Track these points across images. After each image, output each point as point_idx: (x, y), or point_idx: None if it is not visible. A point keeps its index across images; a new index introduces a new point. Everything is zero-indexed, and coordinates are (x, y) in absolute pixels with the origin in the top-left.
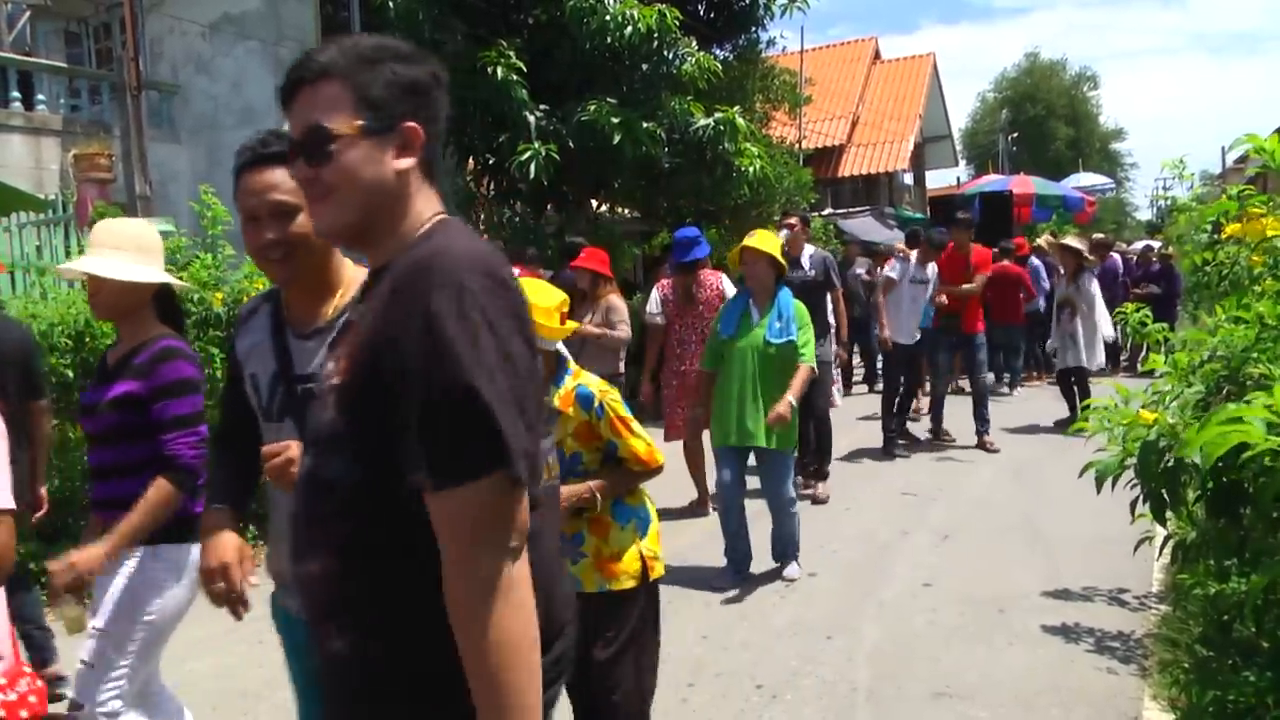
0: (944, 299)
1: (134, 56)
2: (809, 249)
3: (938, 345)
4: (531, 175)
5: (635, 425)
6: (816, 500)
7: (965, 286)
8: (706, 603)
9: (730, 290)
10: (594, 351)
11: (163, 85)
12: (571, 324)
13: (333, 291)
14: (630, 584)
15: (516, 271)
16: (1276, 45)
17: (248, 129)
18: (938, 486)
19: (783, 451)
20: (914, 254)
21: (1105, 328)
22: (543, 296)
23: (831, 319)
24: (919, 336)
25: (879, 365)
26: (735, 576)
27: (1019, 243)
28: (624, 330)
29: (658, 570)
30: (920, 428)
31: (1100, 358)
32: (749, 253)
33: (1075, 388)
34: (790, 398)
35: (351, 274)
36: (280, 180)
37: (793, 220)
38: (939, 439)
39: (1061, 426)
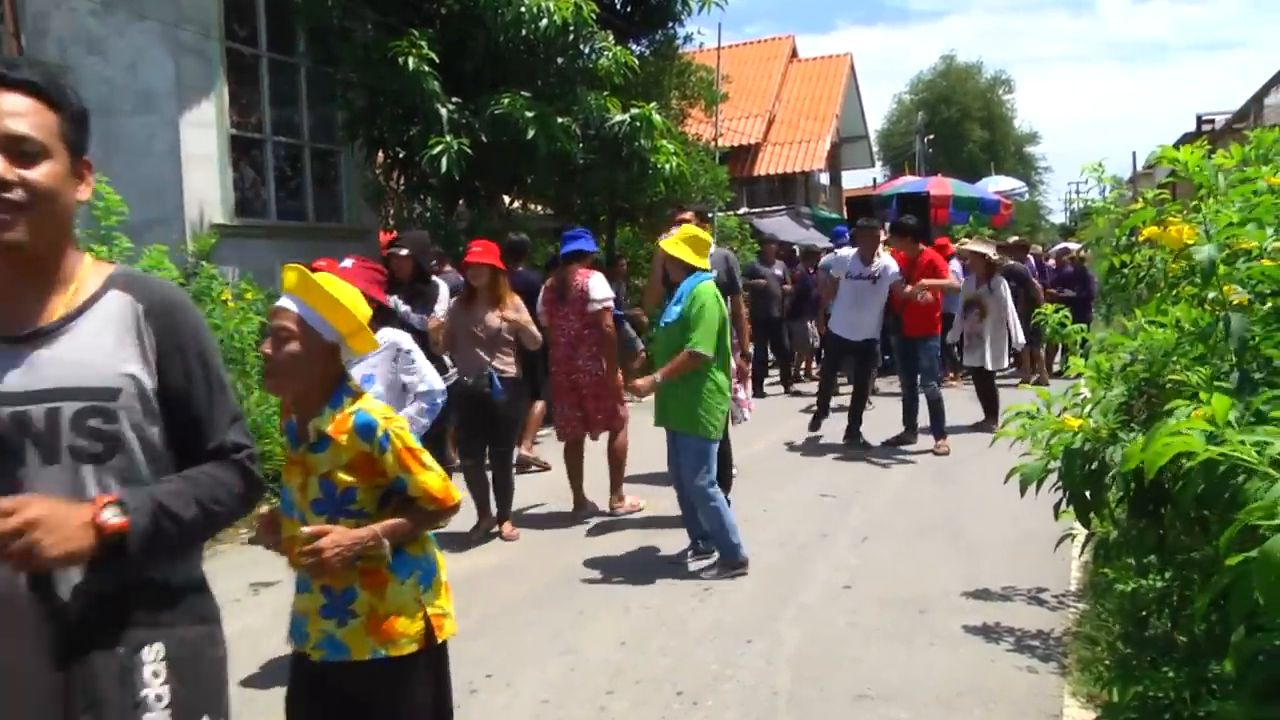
0: (929, 296)
1: (14, 32)
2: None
3: (902, 368)
4: (443, 169)
5: (427, 457)
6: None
7: (942, 281)
8: (625, 607)
9: (598, 292)
10: (498, 350)
11: (48, 65)
12: (371, 341)
13: (64, 285)
14: (411, 648)
15: (349, 262)
16: (1184, 54)
17: (148, 116)
18: (856, 488)
19: (685, 435)
20: (850, 250)
21: (1017, 333)
22: (358, 306)
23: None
24: (872, 335)
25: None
26: (695, 552)
27: (943, 243)
28: (536, 329)
29: (447, 630)
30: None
31: (1004, 360)
32: (661, 251)
33: (982, 390)
34: (655, 376)
35: (87, 268)
36: (22, 110)
37: (686, 215)
38: (853, 440)
39: (979, 429)
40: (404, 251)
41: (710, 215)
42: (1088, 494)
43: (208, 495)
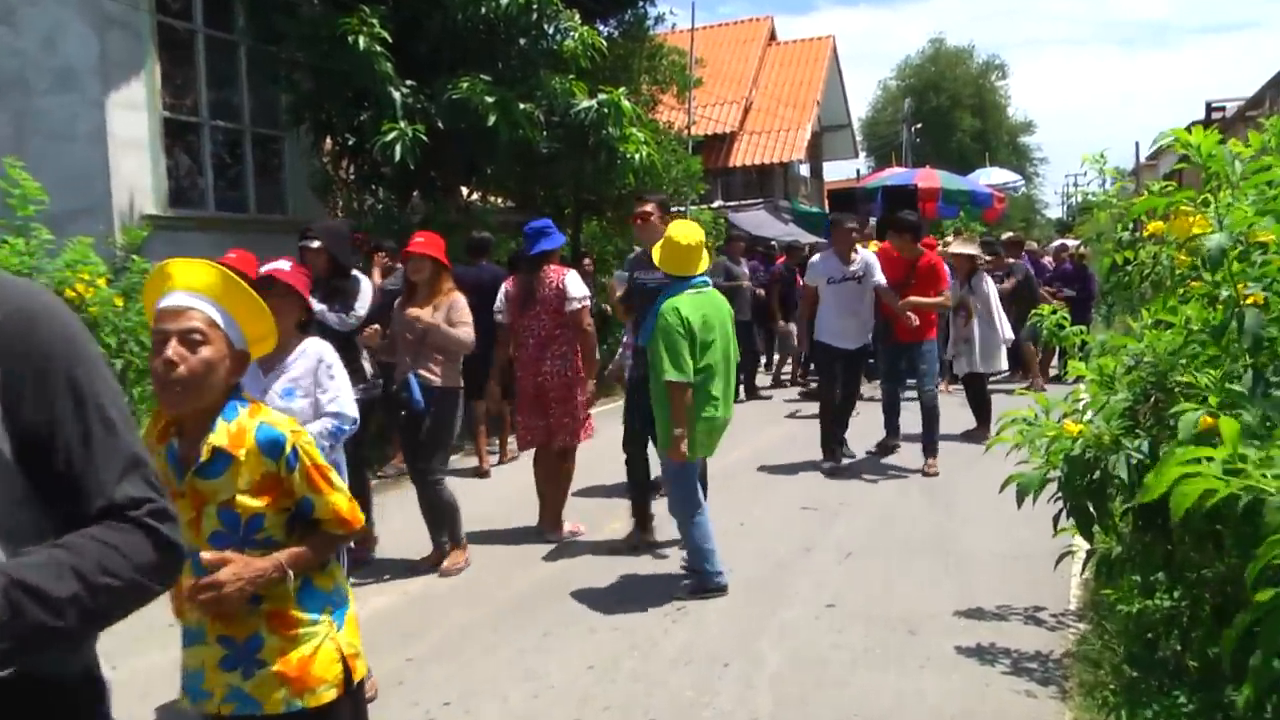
0: (914, 319)
1: None
2: None
3: (876, 355)
4: (396, 158)
5: (335, 476)
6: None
7: (931, 301)
8: (592, 629)
9: (576, 290)
10: (426, 354)
11: None
12: (269, 341)
13: None
14: (330, 694)
15: (285, 264)
16: (1186, 36)
17: (68, 95)
18: (840, 500)
19: (664, 453)
20: (822, 256)
21: (1004, 330)
22: (265, 311)
23: None
24: (865, 341)
25: (786, 371)
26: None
27: (930, 243)
28: (466, 332)
29: (360, 671)
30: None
31: (1000, 363)
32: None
33: (974, 396)
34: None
35: None
36: None
37: (648, 206)
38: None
39: (970, 438)
40: (315, 244)
41: (683, 208)
42: (1090, 506)
43: (93, 565)
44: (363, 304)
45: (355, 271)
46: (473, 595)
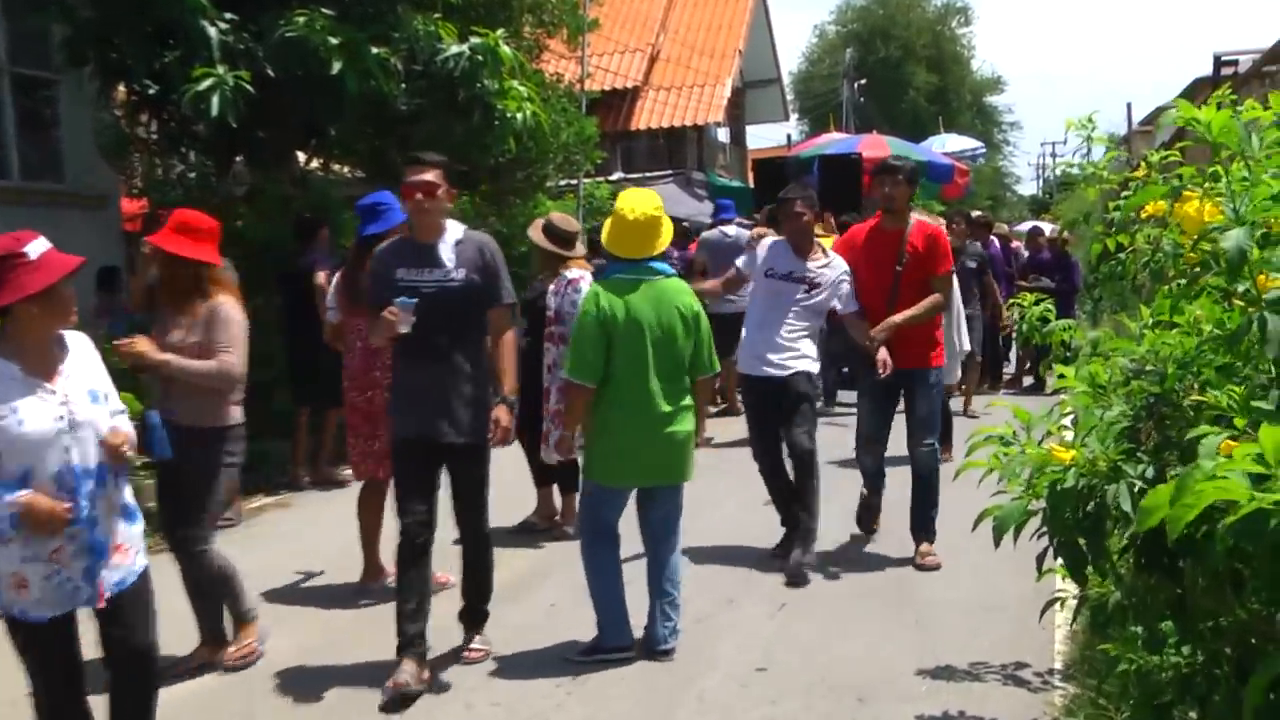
0: (883, 358)
1: None
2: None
3: (863, 391)
4: (213, 112)
5: None
6: None
7: (920, 308)
8: (467, 705)
9: None
10: (182, 391)
11: None
12: None
13: None
14: None
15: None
16: None
17: None
18: (771, 539)
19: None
20: (768, 237)
21: (962, 336)
22: None
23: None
24: (804, 368)
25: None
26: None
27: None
28: (230, 359)
29: None
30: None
31: (956, 372)
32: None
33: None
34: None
35: None
36: None
37: (426, 174)
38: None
39: None
40: None
41: (573, 181)
42: (1082, 543)
43: None
44: None
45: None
46: (306, 672)
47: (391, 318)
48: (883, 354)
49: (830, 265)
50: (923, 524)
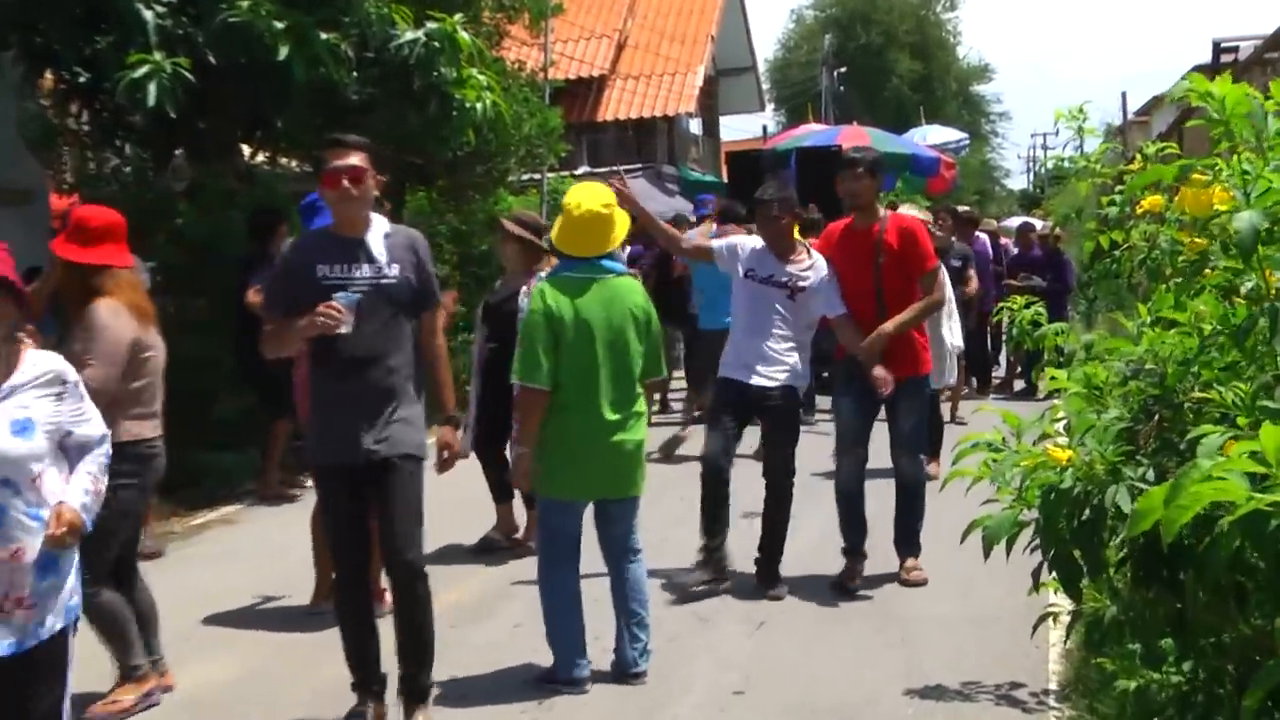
0: (881, 375)
1: None
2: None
3: (842, 391)
4: (150, 102)
5: None
6: None
7: (912, 312)
8: None
9: None
10: None
11: None
12: None
13: None
14: None
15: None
16: None
17: None
18: (747, 553)
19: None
20: (750, 238)
21: (955, 336)
22: None
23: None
24: (792, 381)
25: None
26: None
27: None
28: (91, 373)
29: None
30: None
31: (951, 376)
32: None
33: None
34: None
35: None
36: None
37: (353, 160)
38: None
39: None
40: None
41: (536, 175)
42: (1077, 555)
43: None
44: None
45: None
46: (260, 698)
47: (334, 315)
48: (880, 371)
49: (813, 268)
50: (907, 538)
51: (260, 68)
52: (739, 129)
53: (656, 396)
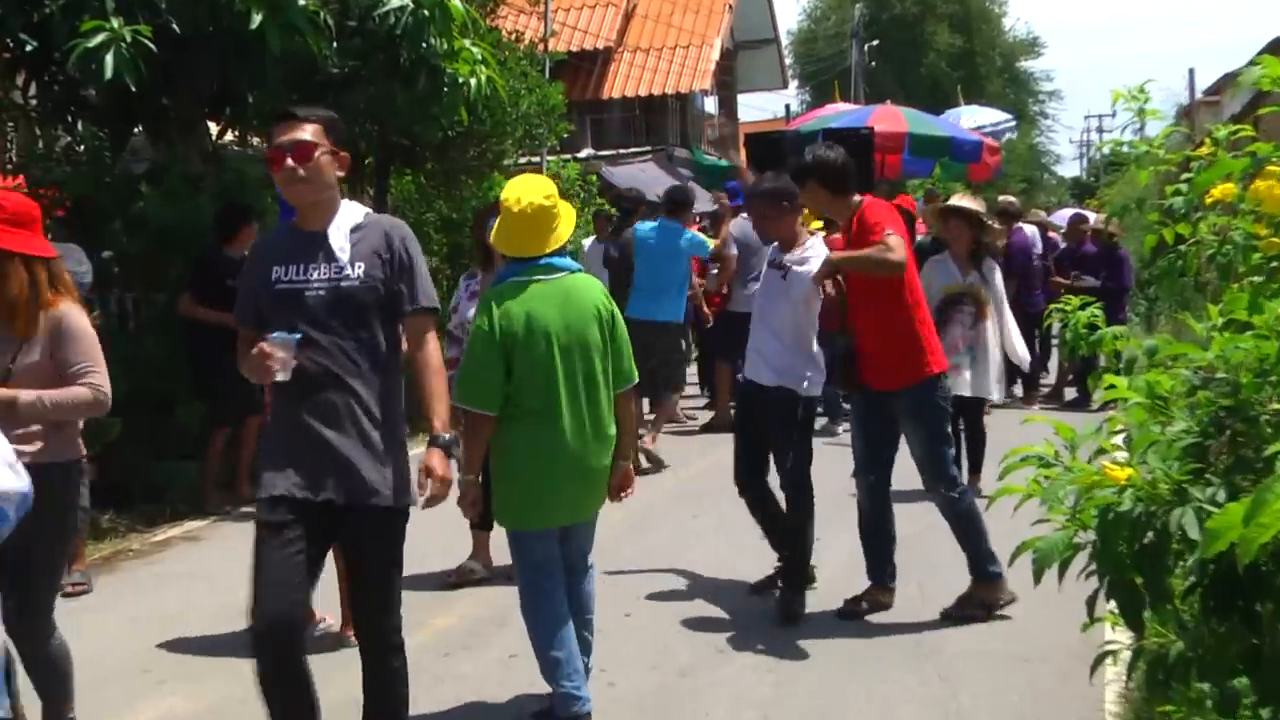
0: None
1: None
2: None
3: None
4: (107, 74)
5: None
6: None
7: (860, 252)
8: None
9: None
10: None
11: None
12: None
13: None
14: None
15: None
16: None
17: None
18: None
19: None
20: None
21: (1015, 342)
22: None
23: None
24: (779, 375)
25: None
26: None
27: (905, 204)
28: (101, 381)
29: None
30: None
31: (993, 387)
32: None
33: (966, 431)
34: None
35: None
36: None
37: (304, 134)
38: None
39: None
40: None
41: (536, 158)
42: (1139, 582)
43: None
44: None
45: None
46: None
47: (264, 361)
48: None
49: (811, 249)
50: (972, 565)
51: (230, 37)
52: (759, 108)
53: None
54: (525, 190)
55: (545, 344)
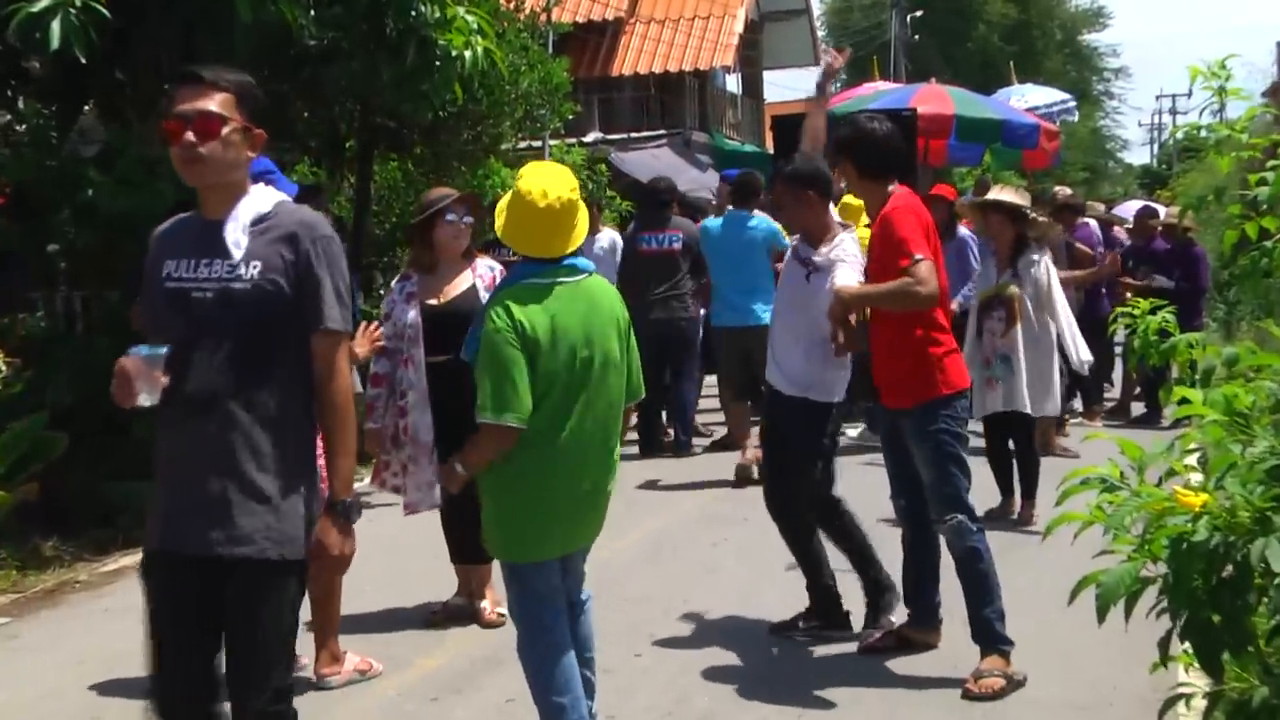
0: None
1: None
2: None
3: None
4: (54, 45)
5: None
6: None
7: (882, 287)
8: None
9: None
10: None
11: None
12: None
13: None
14: None
15: None
16: None
17: None
18: (795, 611)
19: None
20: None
21: (1069, 342)
22: None
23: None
24: (807, 391)
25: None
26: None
27: (945, 192)
28: None
29: None
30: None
31: (1056, 399)
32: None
33: (1016, 452)
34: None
35: None
36: None
37: (210, 104)
38: None
39: (996, 516)
40: None
41: (538, 142)
42: (1216, 622)
43: None
44: None
45: None
46: None
47: (124, 383)
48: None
49: (840, 245)
50: (977, 628)
51: (195, 4)
52: (787, 87)
53: None
54: (550, 182)
55: (568, 356)
